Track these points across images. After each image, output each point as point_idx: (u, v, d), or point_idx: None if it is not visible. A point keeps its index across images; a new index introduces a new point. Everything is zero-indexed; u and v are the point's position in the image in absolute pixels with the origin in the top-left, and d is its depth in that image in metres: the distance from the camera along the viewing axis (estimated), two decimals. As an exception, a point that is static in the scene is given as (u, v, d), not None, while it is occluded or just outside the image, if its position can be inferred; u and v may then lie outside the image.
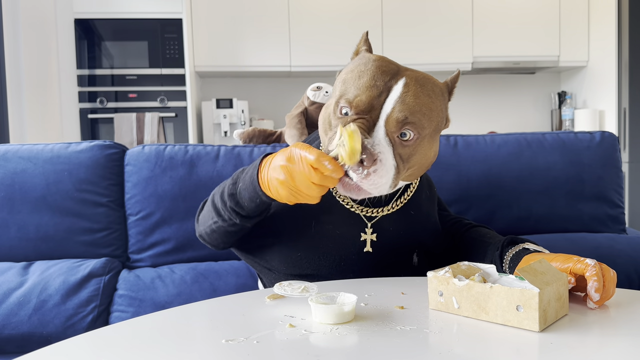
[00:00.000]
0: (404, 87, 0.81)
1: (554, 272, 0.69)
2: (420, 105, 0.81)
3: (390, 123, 0.80)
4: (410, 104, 0.80)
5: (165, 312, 0.75)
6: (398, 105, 0.80)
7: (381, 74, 0.82)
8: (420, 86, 0.82)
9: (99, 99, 3.40)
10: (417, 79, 0.83)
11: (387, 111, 0.80)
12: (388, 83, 0.82)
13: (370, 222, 0.95)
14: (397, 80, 0.82)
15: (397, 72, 0.83)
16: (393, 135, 0.81)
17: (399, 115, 0.79)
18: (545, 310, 0.64)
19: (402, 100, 0.80)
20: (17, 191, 1.37)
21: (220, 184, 0.98)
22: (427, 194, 1.03)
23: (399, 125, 0.80)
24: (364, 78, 0.82)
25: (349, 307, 0.69)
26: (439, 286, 0.72)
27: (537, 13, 3.86)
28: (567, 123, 4.00)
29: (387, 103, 0.80)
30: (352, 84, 0.83)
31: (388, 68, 0.83)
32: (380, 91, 0.81)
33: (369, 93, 0.80)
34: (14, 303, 1.21)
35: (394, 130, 0.80)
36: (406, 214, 0.97)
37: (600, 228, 1.49)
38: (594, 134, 1.52)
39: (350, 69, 0.86)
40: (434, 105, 0.83)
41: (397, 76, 0.83)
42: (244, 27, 3.64)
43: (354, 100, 0.81)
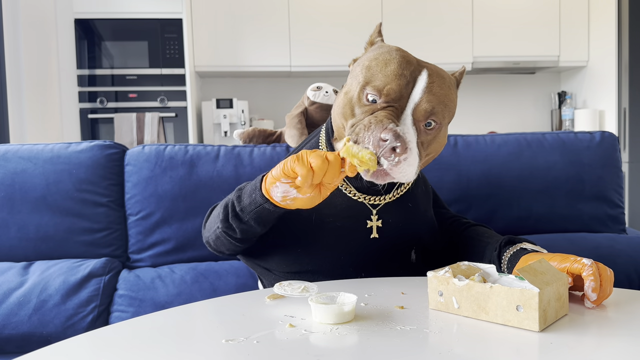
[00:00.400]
0: (429, 77, 0.84)
1: (553, 272, 0.69)
2: (443, 96, 0.84)
3: (419, 113, 0.82)
4: (437, 95, 0.83)
5: (165, 312, 0.75)
6: (426, 95, 0.83)
7: (407, 63, 0.84)
8: (441, 78, 0.86)
9: (99, 99, 3.40)
10: (437, 72, 0.86)
11: (415, 101, 0.83)
12: (413, 73, 0.84)
13: (375, 209, 0.96)
14: (421, 71, 0.84)
15: (418, 63, 0.86)
16: (419, 124, 0.83)
17: (427, 106, 0.82)
18: (545, 310, 0.64)
19: (430, 91, 0.83)
20: (17, 191, 1.37)
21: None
22: (423, 189, 1.04)
23: (426, 115, 0.83)
24: (392, 66, 0.84)
25: (349, 307, 0.69)
26: (439, 286, 0.72)
27: (537, 13, 3.86)
28: (567, 123, 4.00)
29: (414, 93, 0.83)
30: (379, 71, 0.84)
31: (410, 58, 0.86)
32: (407, 80, 0.83)
33: (399, 82, 0.82)
34: (14, 303, 1.21)
35: (421, 119, 0.83)
36: (404, 206, 0.97)
37: (600, 228, 1.49)
38: (594, 134, 1.52)
39: (374, 57, 0.87)
40: (452, 96, 0.87)
41: (420, 67, 0.85)
42: (244, 27, 3.64)
43: (385, 89, 0.82)
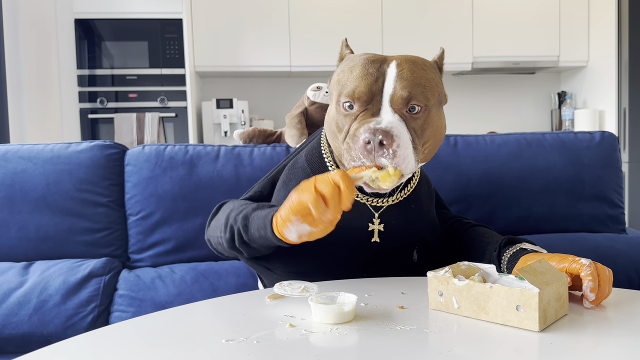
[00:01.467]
0: (398, 67, 0.83)
1: (553, 272, 0.69)
2: (418, 78, 0.83)
3: (396, 101, 0.81)
4: (409, 79, 0.82)
5: (165, 312, 0.75)
6: (398, 83, 0.82)
7: (371, 62, 0.84)
8: (412, 62, 0.85)
9: (99, 99, 3.40)
10: (406, 59, 0.85)
11: (390, 92, 0.82)
12: (380, 68, 0.84)
13: (378, 212, 0.95)
14: (389, 64, 0.84)
15: (385, 59, 0.86)
16: (402, 112, 0.82)
17: (402, 92, 0.81)
18: (545, 310, 0.64)
19: (400, 78, 0.82)
20: (17, 191, 1.37)
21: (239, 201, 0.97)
22: (426, 189, 1.04)
23: (404, 101, 0.82)
24: (357, 70, 0.84)
25: (349, 307, 0.69)
26: (439, 286, 0.72)
27: (537, 13, 3.86)
28: (567, 123, 4.00)
29: (386, 86, 0.82)
30: (347, 78, 0.85)
31: (375, 58, 0.86)
32: (375, 77, 0.83)
33: (366, 81, 0.82)
34: (14, 303, 1.21)
35: (402, 106, 0.82)
36: (407, 208, 0.97)
37: (600, 228, 1.49)
38: (593, 134, 1.52)
39: (341, 69, 0.88)
40: (430, 76, 0.85)
41: (387, 61, 0.85)
42: (244, 27, 3.64)
43: (355, 92, 0.82)
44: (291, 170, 1.01)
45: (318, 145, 1.00)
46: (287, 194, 0.97)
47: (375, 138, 0.76)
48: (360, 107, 0.83)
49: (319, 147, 0.99)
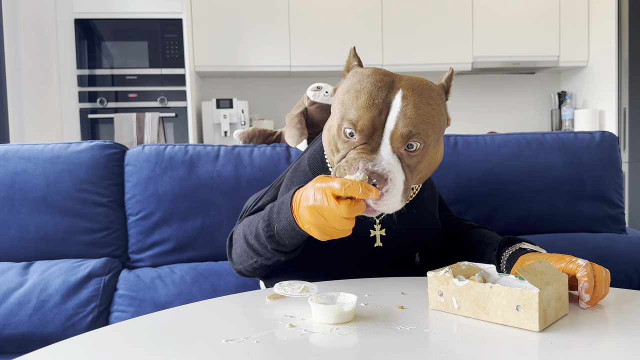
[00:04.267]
0: (403, 100, 0.82)
1: (553, 272, 0.69)
2: (422, 115, 0.82)
3: (396, 140, 0.81)
4: (412, 117, 0.81)
5: (165, 312, 0.75)
6: (400, 120, 0.81)
7: (377, 90, 0.83)
8: (418, 95, 0.83)
9: (99, 99, 3.40)
10: (413, 89, 0.83)
11: (391, 128, 0.81)
12: (386, 99, 0.82)
13: (377, 218, 0.96)
14: (395, 94, 0.82)
15: (392, 85, 0.84)
16: (399, 150, 0.82)
17: (404, 130, 0.80)
18: (545, 310, 0.64)
19: (404, 115, 0.81)
20: (17, 191, 1.37)
21: (245, 219, 0.97)
22: (429, 192, 1.04)
23: (404, 140, 0.81)
24: (362, 98, 0.83)
25: (349, 307, 0.69)
26: (439, 286, 0.72)
27: (537, 13, 3.86)
28: (567, 123, 4.00)
29: (389, 120, 0.81)
30: (351, 104, 0.83)
31: (383, 82, 0.84)
32: (380, 109, 0.81)
33: (370, 114, 0.81)
34: (14, 303, 1.21)
35: (400, 145, 0.81)
36: (410, 213, 0.97)
37: (600, 228, 1.49)
38: (593, 134, 1.52)
39: (347, 89, 0.86)
40: (434, 111, 0.84)
41: (394, 89, 0.83)
42: (244, 27, 3.64)
43: (358, 124, 0.81)
44: (294, 174, 1.01)
45: (320, 149, 1.00)
46: None
47: (370, 180, 0.77)
48: (361, 139, 0.82)
49: (321, 152, 0.99)
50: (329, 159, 0.93)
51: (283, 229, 0.83)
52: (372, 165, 0.78)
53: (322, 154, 0.99)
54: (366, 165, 0.78)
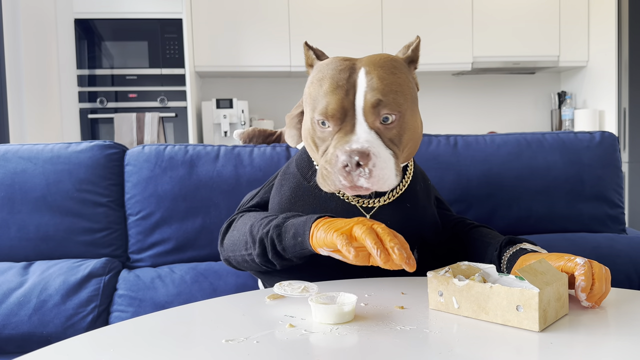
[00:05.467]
0: (367, 75, 0.82)
1: (553, 272, 0.69)
2: (389, 85, 0.82)
3: (368, 114, 0.81)
4: (379, 88, 0.81)
5: (165, 312, 0.75)
6: (368, 94, 0.81)
7: (339, 73, 0.83)
8: (381, 67, 0.83)
9: (99, 99, 3.40)
10: (374, 63, 0.84)
11: (361, 105, 0.81)
12: (350, 79, 0.82)
13: (369, 213, 0.95)
14: (358, 72, 0.83)
15: (353, 66, 0.84)
16: (375, 125, 0.81)
17: (373, 100, 0.80)
18: (545, 310, 0.64)
19: (371, 88, 0.81)
20: (17, 191, 1.37)
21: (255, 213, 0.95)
22: (422, 185, 1.02)
23: (376, 111, 0.81)
24: (326, 84, 0.83)
25: (349, 307, 0.69)
26: (439, 286, 0.72)
27: (537, 13, 3.86)
28: (567, 123, 4.00)
29: (357, 98, 0.81)
30: (318, 94, 0.83)
31: (344, 65, 0.84)
32: (346, 90, 0.82)
33: (337, 96, 0.81)
34: (14, 303, 1.21)
35: (374, 118, 0.81)
36: (402, 207, 0.96)
37: (600, 228, 1.49)
38: (593, 134, 1.52)
39: (311, 81, 0.87)
40: (401, 79, 0.84)
41: (356, 69, 0.83)
42: (244, 27, 3.64)
43: (327, 110, 0.81)
44: (283, 176, 1.01)
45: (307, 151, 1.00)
46: (281, 199, 0.97)
47: (352, 160, 0.77)
48: (334, 125, 0.82)
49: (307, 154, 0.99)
50: (313, 158, 0.93)
51: (294, 246, 0.82)
52: (349, 145, 0.78)
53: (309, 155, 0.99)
54: (344, 149, 0.77)
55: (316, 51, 0.94)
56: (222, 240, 1.01)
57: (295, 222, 0.83)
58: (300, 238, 0.80)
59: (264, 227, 0.87)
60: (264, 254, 0.87)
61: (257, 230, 0.89)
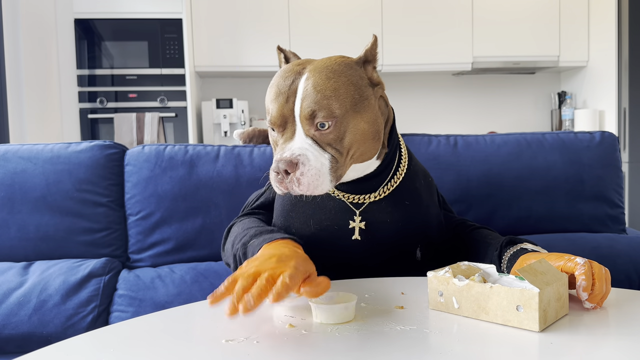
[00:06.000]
0: (305, 82, 0.83)
1: (554, 272, 0.69)
2: (322, 91, 0.82)
3: (304, 123, 0.83)
4: (311, 96, 0.81)
5: (165, 312, 0.75)
6: (304, 101, 0.82)
7: (284, 80, 0.84)
8: (319, 73, 0.83)
9: (99, 99, 3.40)
10: (316, 69, 0.84)
11: (298, 111, 0.83)
12: (292, 86, 0.83)
13: (358, 209, 0.95)
14: (300, 79, 0.84)
15: (300, 71, 0.85)
16: (310, 132, 0.83)
17: (306, 111, 0.81)
18: (546, 310, 0.64)
19: (306, 94, 0.82)
20: (17, 191, 1.37)
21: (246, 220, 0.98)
22: (422, 182, 1.02)
23: (310, 120, 0.82)
24: (272, 90, 0.85)
25: (349, 307, 0.69)
26: (439, 286, 0.72)
27: (537, 13, 3.86)
28: (567, 123, 4.00)
29: (296, 103, 0.83)
30: (268, 100, 0.86)
31: (292, 71, 0.85)
32: (286, 97, 0.83)
33: (277, 104, 0.83)
34: (14, 303, 1.21)
35: (310, 127, 0.82)
36: (401, 204, 0.96)
37: (600, 228, 1.49)
38: (594, 134, 1.52)
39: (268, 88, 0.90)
40: (337, 84, 0.83)
41: (301, 75, 0.84)
42: (244, 27, 3.64)
43: (271, 117, 0.84)
44: None
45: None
46: (283, 200, 1.00)
47: (280, 170, 0.79)
48: (278, 132, 0.85)
49: None
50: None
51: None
52: (282, 154, 0.81)
53: None
54: (276, 157, 0.81)
55: (287, 54, 0.95)
56: (223, 244, 1.03)
57: (254, 243, 0.85)
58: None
59: (238, 243, 0.91)
60: (236, 268, 0.90)
61: (233, 245, 0.93)
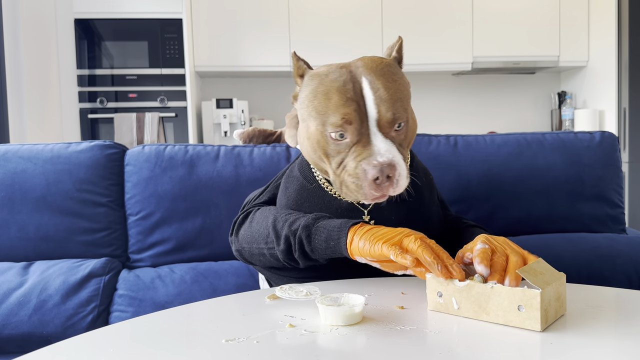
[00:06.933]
0: (370, 85, 0.83)
1: (552, 272, 0.69)
2: (394, 94, 0.84)
3: (384, 126, 0.83)
4: (388, 99, 0.83)
5: (165, 312, 0.75)
6: (381, 106, 0.82)
7: (344, 84, 0.84)
8: (381, 76, 0.85)
9: (99, 99, 3.40)
10: (374, 70, 0.85)
11: (374, 116, 0.82)
12: (356, 89, 0.83)
13: (366, 209, 0.95)
14: (361, 82, 0.84)
15: (353, 74, 0.85)
16: (390, 134, 0.84)
17: (388, 115, 0.82)
18: (547, 310, 0.64)
19: (380, 99, 0.82)
20: (17, 191, 1.37)
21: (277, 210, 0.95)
22: (424, 181, 1.03)
23: (391, 124, 0.83)
24: (334, 97, 0.83)
25: (359, 308, 0.69)
26: (438, 287, 0.72)
27: (537, 13, 3.86)
28: (567, 123, 4.00)
29: (369, 110, 0.82)
30: (327, 107, 0.84)
31: (344, 75, 0.85)
32: (356, 102, 0.83)
33: (350, 108, 0.82)
34: (14, 303, 1.21)
35: (389, 130, 0.84)
36: (405, 202, 0.96)
37: (600, 228, 1.49)
38: (594, 134, 1.52)
39: (312, 94, 0.86)
40: (401, 85, 0.86)
41: (358, 77, 0.84)
42: (243, 27, 3.64)
43: (344, 123, 0.82)
44: (288, 179, 1.02)
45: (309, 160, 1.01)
46: (287, 200, 0.99)
47: (383, 174, 0.79)
48: (353, 137, 0.83)
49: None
50: (317, 168, 0.93)
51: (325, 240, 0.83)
52: (375, 159, 0.80)
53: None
54: (372, 162, 0.79)
55: (305, 61, 0.94)
56: (236, 231, 1.01)
57: (328, 226, 0.83)
58: (334, 243, 0.81)
59: (291, 225, 0.88)
60: (289, 251, 0.87)
61: (281, 226, 0.89)
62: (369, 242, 0.76)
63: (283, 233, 0.88)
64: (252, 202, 1.05)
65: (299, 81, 0.93)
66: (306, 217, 0.87)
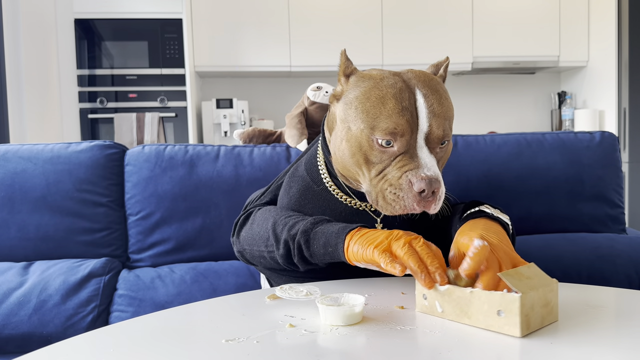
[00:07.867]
0: (426, 99, 0.82)
1: (542, 277, 0.66)
2: (445, 112, 0.83)
3: (433, 141, 0.82)
4: (440, 115, 0.82)
5: (165, 312, 0.75)
6: (433, 121, 0.81)
7: (400, 92, 0.82)
8: (435, 92, 0.84)
9: (99, 99, 3.40)
10: (428, 86, 0.84)
11: (425, 130, 0.81)
12: (410, 99, 0.82)
13: (379, 217, 0.95)
14: (415, 93, 0.82)
15: (407, 84, 0.83)
16: (435, 150, 0.83)
17: (438, 132, 0.82)
18: (528, 316, 0.62)
19: (433, 115, 0.82)
20: (17, 191, 1.37)
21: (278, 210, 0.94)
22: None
23: (440, 140, 0.83)
24: (390, 103, 0.81)
25: (359, 308, 0.69)
26: (423, 289, 0.71)
27: (537, 13, 3.86)
28: (567, 123, 4.00)
29: (420, 122, 0.81)
30: (379, 112, 0.81)
31: (399, 83, 0.83)
32: (410, 113, 0.81)
33: (404, 118, 0.80)
34: (14, 303, 1.21)
35: (436, 146, 0.83)
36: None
37: (600, 228, 1.49)
38: (593, 134, 1.52)
39: (364, 96, 0.84)
40: (450, 104, 0.86)
41: (411, 89, 0.83)
42: (244, 27, 3.64)
43: (397, 131, 0.80)
44: (292, 178, 1.01)
45: (315, 155, 1.00)
46: (290, 200, 0.98)
47: (431, 187, 0.78)
48: (401, 146, 0.81)
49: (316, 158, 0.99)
50: (345, 173, 0.91)
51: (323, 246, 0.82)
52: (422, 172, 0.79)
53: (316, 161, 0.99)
54: (419, 175, 0.78)
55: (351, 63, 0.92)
56: (237, 232, 1.00)
57: (326, 232, 0.82)
58: (332, 249, 0.81)
59: (290, 230, 0.86)
60: (288, 256, 0.87)
61: (281, 229, 0.88)
62: (362, 247, 0.76)
63: (282, 237, 0.87)
64: (254, 203, 1.05)
65: (344, 80, 0.89)
66: (305, 221, 0.86)
